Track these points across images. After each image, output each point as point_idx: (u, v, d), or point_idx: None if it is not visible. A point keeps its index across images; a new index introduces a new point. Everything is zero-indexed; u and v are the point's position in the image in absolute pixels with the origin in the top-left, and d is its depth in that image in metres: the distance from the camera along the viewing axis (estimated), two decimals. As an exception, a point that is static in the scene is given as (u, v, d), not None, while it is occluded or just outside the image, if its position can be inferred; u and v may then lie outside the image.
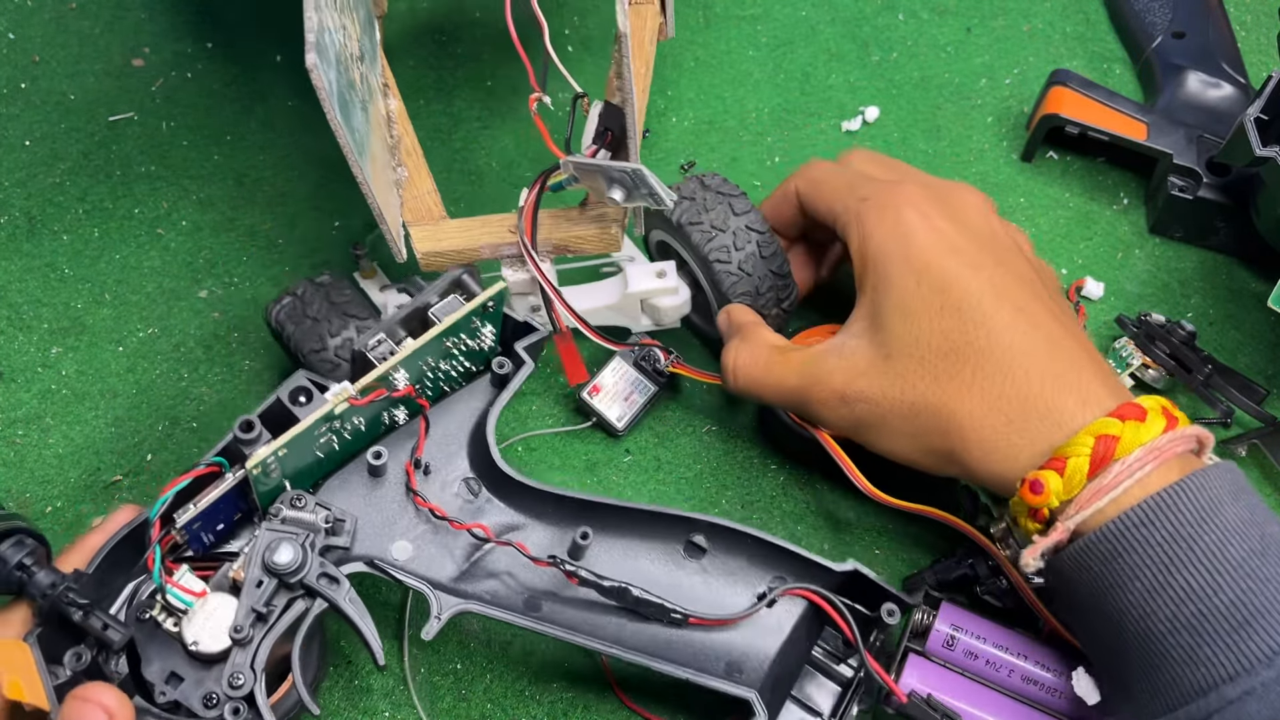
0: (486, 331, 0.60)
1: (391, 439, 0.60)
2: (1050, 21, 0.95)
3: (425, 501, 0.58)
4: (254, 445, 0.53)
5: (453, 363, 0.60)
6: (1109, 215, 0.84)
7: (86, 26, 0.96)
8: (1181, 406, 0.75)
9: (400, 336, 0.58)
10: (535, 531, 0.60)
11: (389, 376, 0.56)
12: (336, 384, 0.55)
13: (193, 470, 0.54)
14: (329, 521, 0.55)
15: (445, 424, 0.61)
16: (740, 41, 0.94)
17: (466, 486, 0.60)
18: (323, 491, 0.59)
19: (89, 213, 0.85)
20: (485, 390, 0.62)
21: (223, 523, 0.57)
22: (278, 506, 0.55)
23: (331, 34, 0.57)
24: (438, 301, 0.59)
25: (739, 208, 0.72)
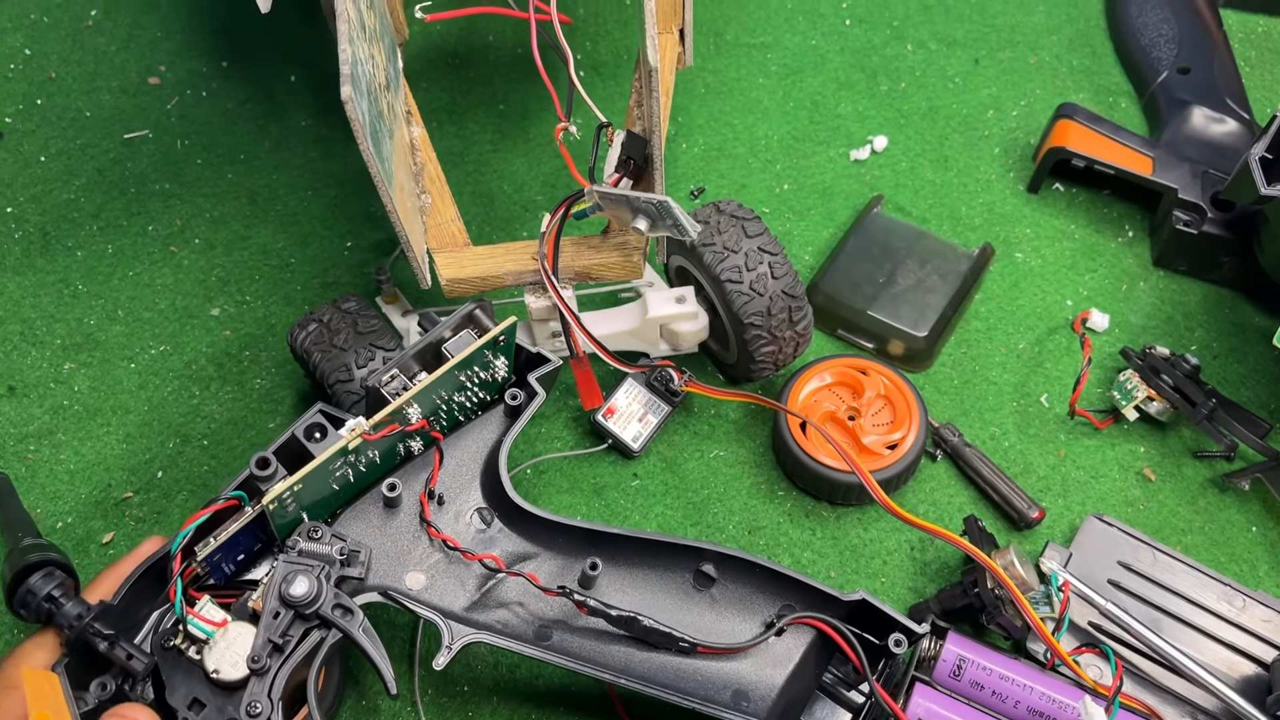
0: (499, 363, 0.61)
1: (406, 470, 0.61)
2: (1057, 54, 0.96)
3: (439, 533, 0.58)
4: (270, 481, 0.54)
5: (466, 394, 0.61)
6: (1114, 247, 0.85)
7: (103, 44, 0.96)
8: (1185, 440, 0.76)
9: (414, 371, 0.59)
10: (546, 561, 0.61)
11: (403, 411, 0.56)
12: (351, 418, 0.56)
13: (212, 505, 0.55)
14: (344, 553, 0.56)
15: (459, 454, 0.62)
16: (750, 69, 0.95)
17: (479, 516, 0.61)
18: (339, 522, 0.59)
19: (103, 229, 0.86)
20: (499, 420, 0.63)
21: (243, 553, 0.57)
22: (295, 539, 0.56)
23: (363, 65, 0.58)
24: (451, 336, 0.59)
25: (751, 230, 0.72)
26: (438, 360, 0.59)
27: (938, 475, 0.75)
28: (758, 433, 0.77)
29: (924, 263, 0.82)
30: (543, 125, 0.92)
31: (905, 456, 0.72)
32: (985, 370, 0.79)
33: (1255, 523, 0.73)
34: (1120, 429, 0.76)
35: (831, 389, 0.76)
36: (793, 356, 0.75)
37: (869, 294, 0.80)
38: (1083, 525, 0.71)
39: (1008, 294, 0.83)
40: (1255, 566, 0.71)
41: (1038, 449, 0.76)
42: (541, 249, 0.67)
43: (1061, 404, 0.78)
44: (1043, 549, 0.70)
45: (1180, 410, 0.74)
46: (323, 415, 0.57)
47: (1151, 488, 0.74)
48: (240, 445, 0.77)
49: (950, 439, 0.75)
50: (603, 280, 0.70)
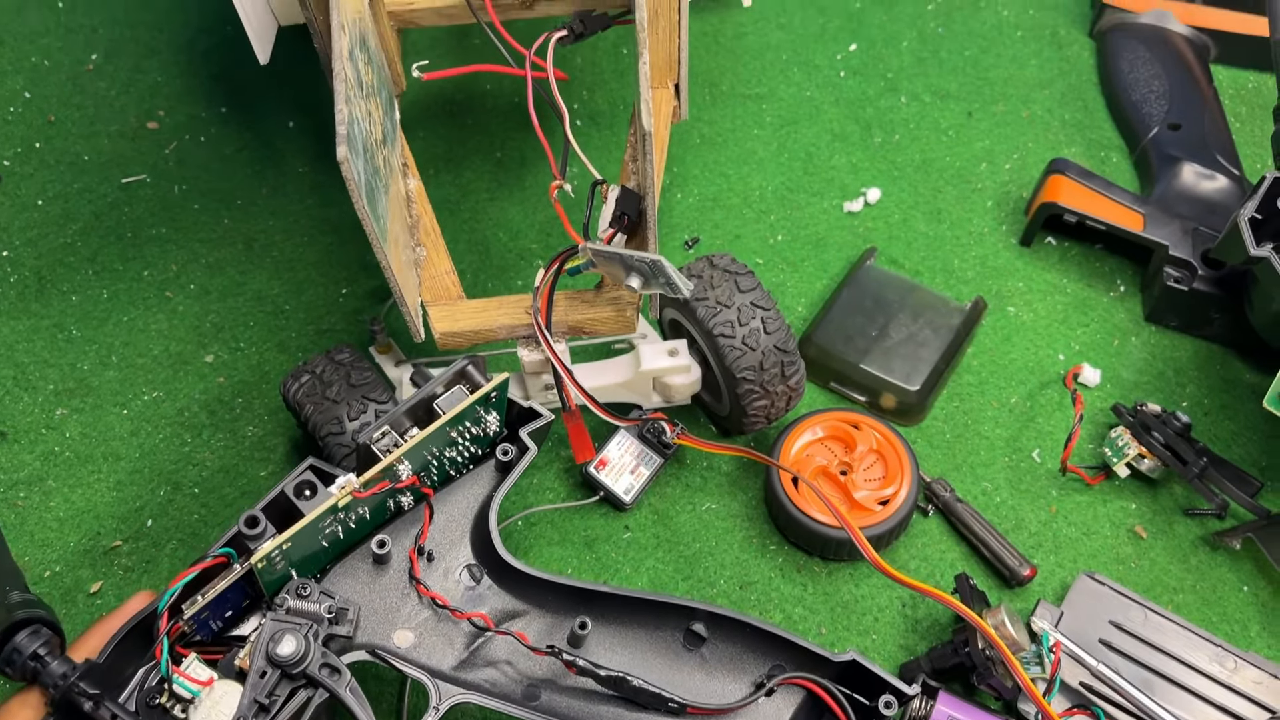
0: (491, 419, 0.61)
1: (396, 525, 0.61)
2: (1049, 108, 0.97)
3: (428, 590, 0.58)
4: (259, 540, 0.54)
5: (458, 449, 0.61)
6: (1106, 302, 0.86)
7: (103, 88, 0.97)
8: (1176, 498, 0.76)
9: (405, 427, 0.59)
10: (535, 618, 0.60)
11: (393, 468, 0.56)
12: (342, 475, 0.56)
13: (200, 563, 0.55)
14: (332, 611, 0.56)
15: (449, 510, 0.62)
16: (745, 120, 0.96)
17: (469, 573, 0.61)
18: (328, 579, 0.59)
19: (98, 273, 0.86)
20: (490, 475, 0.63)
21: (231, 609, 0.57)
22: (283, 596, 0.55)
23: (359, 124, 0.58)
24: (443, 392, 0.59)
25: (745, 285, 0.73)
26: (429, 416, 0.59)
27: (930, 531, 0.75)
28: (750, 485, 0.77)
29: (917, 316, 0.82)
30: (539, 174, 0.92)
31: (897, 512, 0.72)
32: (977, 425, 0.80)
33: (1247, 582, 0.73)
34: (1112, 485, 0.76)
35: (824, 443, 0.76)
36: (785, 410, 0.76)
37: (862, 347, 0.80)
38: (1074, 583, 0.71)
39: (1000, 348, 0.83)
40: (1247, 627, 0.71)
41: (1029, 505, 0.76)
42: (535, 303, 0.67)
43: (1053, 459, 0.78)
44: (1034, 607, 0.70)
45: (1172, 468, 0.74)
46: (313, 472, 0.57)
47: (1143, 545, 0.74)
48: (231, 494, 0.76)
49: (942, 494, 0.75)
50: (597, 335, 0.70)
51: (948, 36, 1.02)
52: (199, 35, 1.01)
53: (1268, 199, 0.73)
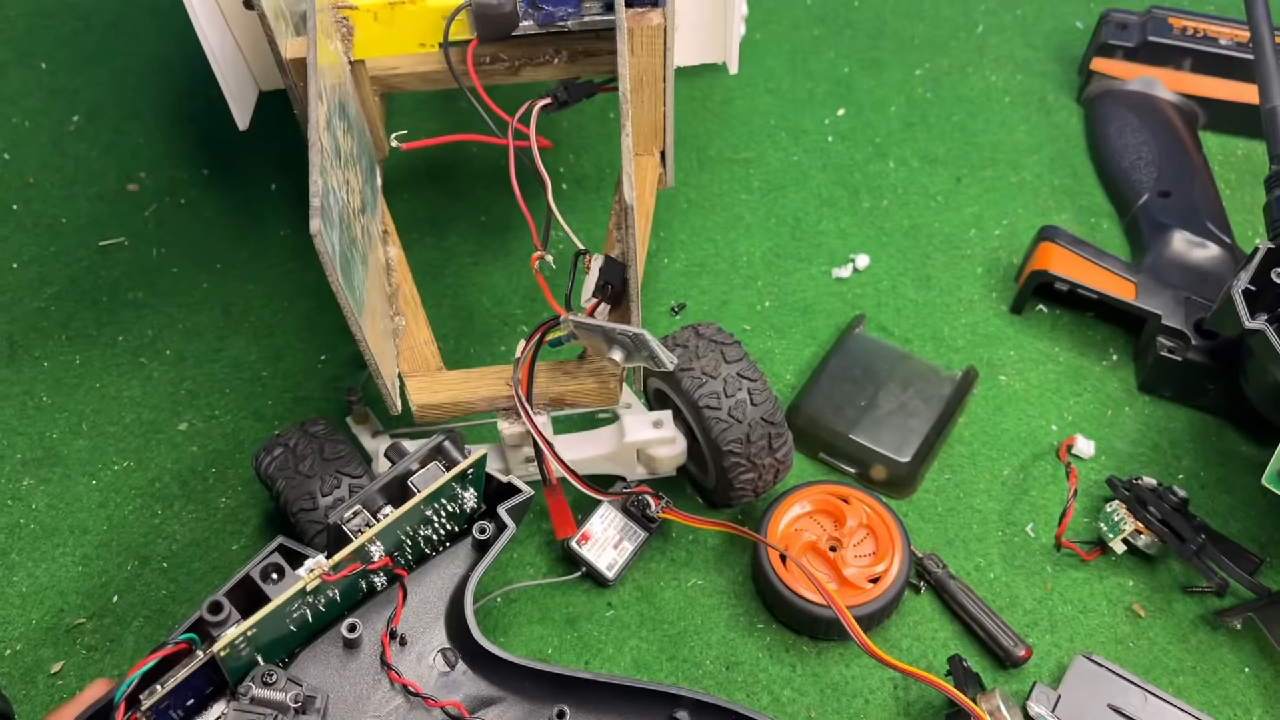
0: (468, 495, 0.59)
1: (368, 608, 0.58)
2: (1039, 174, 0.97)
3: (400, 677, 0.56)
4: (223, 626, 0.52)
5: (433, 528, 0.59)
6: (1099, 371, 0.84)
7: (84, 149, 0.96)
8: (1175, 574, 0.74)
9: (378, 506, 0.57)
10: (511, 706, 0.58)
11: (365, 548, 0.54)
12: (311, 556, 0.54)
13: (160, 650, 0.52)
14: (299, 700, 0.53)
15: (424, 591, 0.60)
16: (733, 185, 0.95)
17: (443, 658, 0.58)
18: (296, 664, 0.56)
19: (72, 339, 0.84)
20: (466, 553, 0.61)
21: (193, 698, 0.54)
22: (247, 684, 0.53)
23: (335, 193, 0.57)
24: (418, 469, 0.58)
25: (730, 355, 0.71)
26: (404, 494, 0.57)
27: (921, 608, 0.73)
28: (737, 560, 0.75)
29: (907, 385, 0.81)
30: (524, 239, 0.91)
31: (888, 590, 0.70)
32: (969, 498, 0.78)
33: (1249, 663, 0.70)
34: (1108, 561, 0.75)
35: (812, 517, 0.74)
36: (773, 483, 0.74)
37: (851, 417, 0.79)
38: (1071, 665, 0.68)
39: (992, 418, 0.82)
40: (1249, 711, 0.69)
41: (1024, 581, 0.74)
42: (515, 375, 0.65)
43: (1047, 534, 0.76)
44: (1030, 690, 0.67)
45: (1169, 544, 0.72)
46: (281, 553, 0.55)
47: (1141, 625, 0.72)
48: (202, 568, 0.74)
49: (934, 570, 0.73)
50: (579, 407, 0.68)
51: (936, 102, 1.01)
52: (182, 98, 1.00)
53: (1261, 270, 0.72)
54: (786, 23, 1.07)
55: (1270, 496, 0.70)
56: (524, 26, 0.72)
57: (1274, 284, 0.72)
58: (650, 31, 0.69)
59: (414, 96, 1.00)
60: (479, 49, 0.73)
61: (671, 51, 0.71)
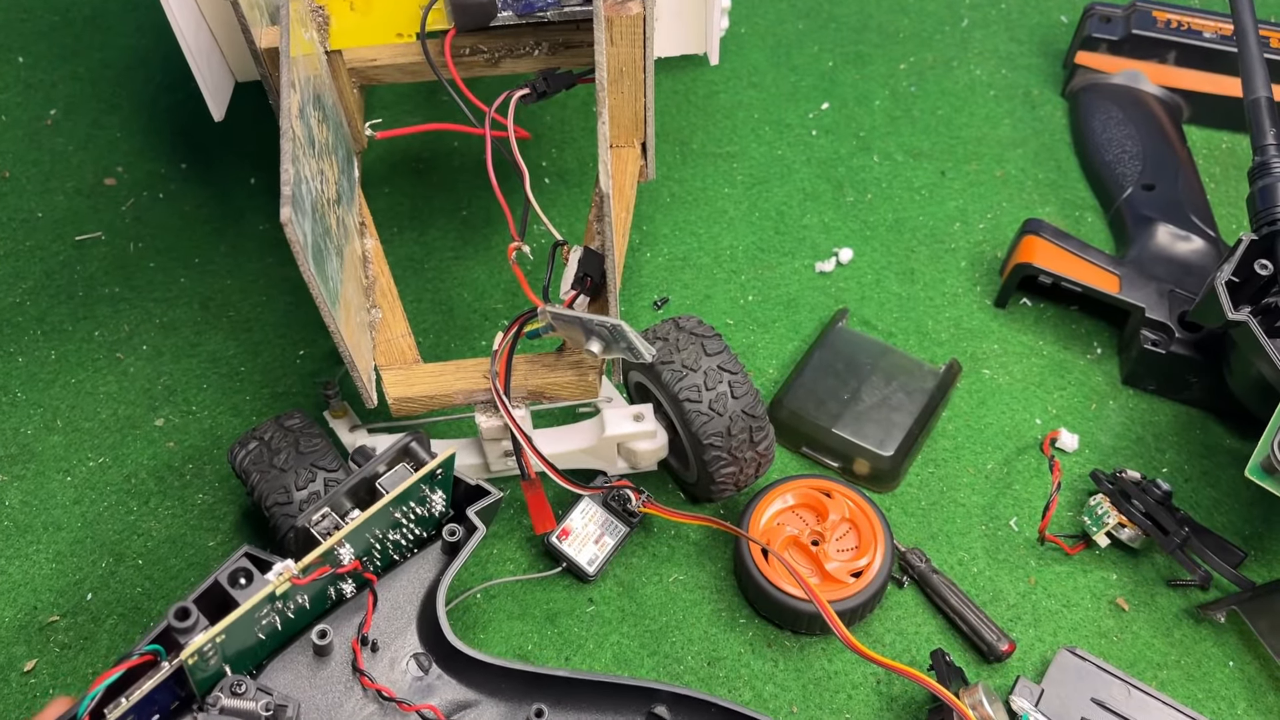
0: (437, 498, 0.58)
1: (338, 614, 0.57)
2: (1023, 168, 0.96)
3: (373, 682, 0.55)
4: (190, 633, 0.51)
5: (402, 531, 0.58)
6: (1082, 365, 0.84)
7: (61, 144, 0.95)
8: (1158, 568, 0.74)
9: (346, 509, 0.56)
10: (488, 708, 0.57)
11: (334, 552, 0.54)
12: (279, 561, 0.53)
13: (124, 662, 0.51)
14: (270, 709, 0.52)
15: (394, 595, 0.59)
16: (716, 179, 0.95)
17: (416, 662, 0.57)
18: (265, 673, 0.55)
19: (47, 334, 0.83)
20: (436, 557, 0.60)
21: (158, 712, 0.53)
22: (216, 695, 0.52)
23: (309, 183, 0.56)
24: (385, 471, 0.57)
25: (711, 348, 0.71)
26: (371, 496, 0.56)
27: (905, 603, 0.72)
28: (719, 555, 0.74)
29: (890, 379, 0.80)
30: (505, 234, 0.90)
31: (870, 585, 0.69)
32: (953, 492, 0.77)
33: (1232, 657, 0.70)
34: (1092, 555, 0.74)
35: (795, 511, 0.73)
36: (754, 477, 0.73)
37: (834, 411, 0.78)
38: (1055, 659, 0.68)
39: (975, 412, 0.81)
40: (1233, 704, 0.68)
41: (1007, 575, 0.73)
42: (493, 368, 0.65)
43: (1031, 527, 0.75)
44: (1013, 685, 0.67)
45: (1153, 537, 0.72)
46: (249, 559, 0.54)
47: (1125, 618, 0.72)
48: (178, 565, 0.73)
49: (917, 565, 0.73)
50: (557, 400, 0.68)
51: (920, 95, 1.01)
52: (161, 92, 0.99)
53: (1244, 262, 0.72)
54: (770, 16, 1.06)
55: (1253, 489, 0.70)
56: (503, 17, 0.71)
57: (1257, 275, 0.71)
58: (630, 21, 0.68)
59: (394, 89, 0.99)
60: (458, 40, 0.73)
61: (651, 42, 0.70)
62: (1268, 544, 0.75)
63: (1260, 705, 0.68)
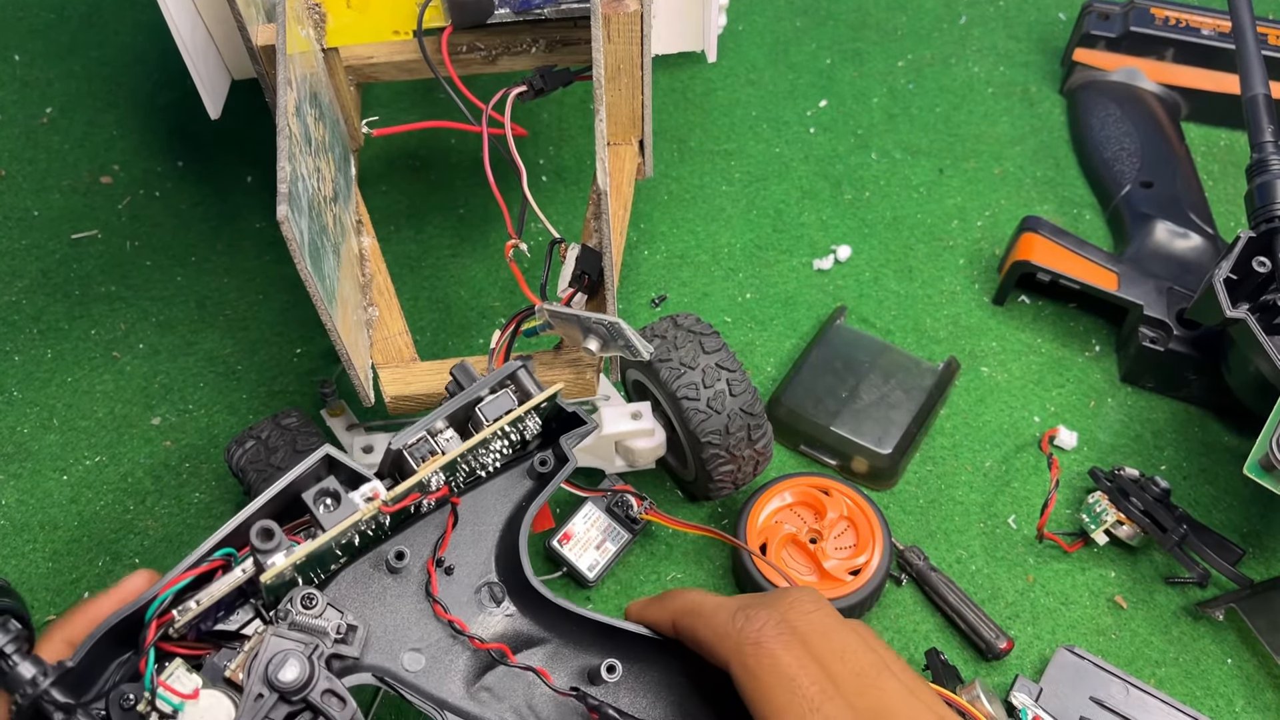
0: (532, 424, 0.56)
1: (414, 530, 0.55)
2: (1021, 166, 0.96)
3: (445, 612, 0.53)
4: (273, 554, 0.49)
5: (490, 453, 0.56)
6: (1081, 362, 0.84)
7: (57, 142, 0.95)
8: (1157, 565, 0.73)
9: (440, 430, 0.54)
10: (556, 652, 0.55)
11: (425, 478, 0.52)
12: (366, 482, 0.51)
13: (194, 568, 0.49)
14: (341, 631, 0.50)
15: (474, 519, 0.55)
16: (714, 176, 0.95)
17: (489, 592, 0.55)
18: (335, 585, 0.52)
19: (44, 333, 0.83)
20: (521, 483, 0.56)
21: (222, 609, 0.52)
22: (286, 607, 0.49)
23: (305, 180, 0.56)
24: (489, 396, 0.55)
25: (709, 346, 0.71)
26: (466, 419, 0.54)
27: (903, 600, 0.72)
28: (717, 554, 0.74)
29: (888, 377, 0.80)
30: (503, 231, 0.90)
31: (869, 583, 0.69)
32: (951, 489, 0.77)
33: (1231, 654, 0.70)
34: (1090, 552, 0.74)
35: (793, 509, 0.73)
36: (753, 475, 0.73)
37: (832, 409, 0.78)
38: (1053, 657, 0.68)
39: (974, 409, 0.81)
40: (1232, 702, 0.68)
41: (1005, 573, 0.73)
42: (490, 366, 0.64)
43: (1029, 525, 0.75)
44: (1012, 682, 0.67)
45: (1151, 535, 0.72)
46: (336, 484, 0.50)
47: (1123, 616, 0.72)
48: (174, 564, 0.72)
49: (915, 562, 0.72)
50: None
51: (918, 93, 1.01)
52: (157, 90, 0.99)
53: (1242, 259, 0.72)
54: (768, 14, 1.06)
55: (1252, 486, 0.70)
56: (500, 14, 0.71)
57: (1255, 273, 0.71)
58: (627, 18, 0.68)
59: (392, 87, 0.99)
60: (455, 37, 0.72)
61: (649, 39, 0.70)
62: (1266, 541, 0.74)
63: (1259, 703, 0.68)
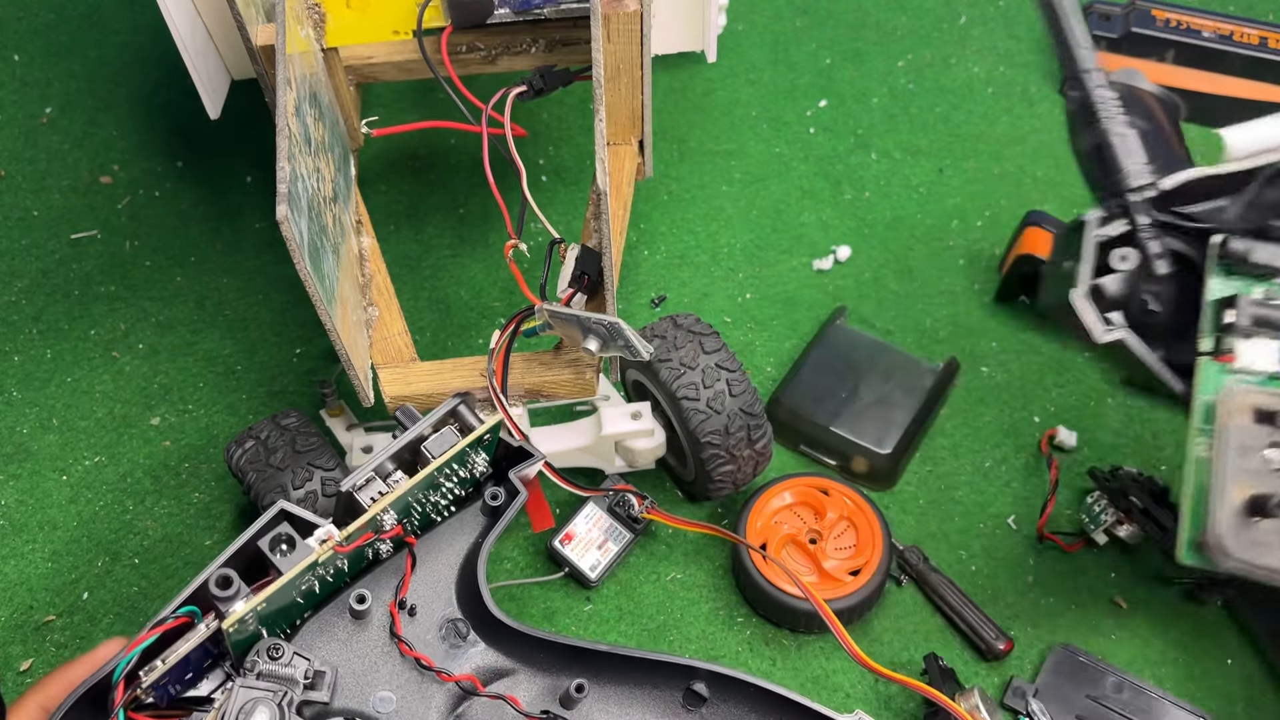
0: (480, 459, 0.56)
1: (374, 574, 0.56)
2: (1021, 165, 0.96)
3: (411, 650, 0.54)
4: (232, 601, 0.49)
5: (441, 492, 0.56)
6: (1081, 362, 0.84)
7: (56, 141, 0.95)
8: (1156, 566, 0.73)
9: (389, 471, 0.55)
10: (526, 679, 0.56)
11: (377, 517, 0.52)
12: (320, 526, 0.52)
13: (160, 625, 0.49)
14: (309, 676, 0.51)
15: (431, 559, 0.56)
16: (714, 176, 0.95)
17: (454, 629, 0.56)
18: (301, 636, 0.53)
19: (43, 333, 0.83)
20: (475, 520, 0.58)
21: (191, 672, 0.52)
22: (253, 659, 0.50)
23: (304, 180, 0.56)
24: (432, 434, 0.55)
25: (709, 346, 0.71)
26: (415, 459, 0.55)
27: (904, 601, 0.72)
28: (716, 554, 0.74)
29: (888, 377, 0.80)
30: (503, 231, 0.89)
31: (869, 583, 0.69)
32: (951, 490, 0.77)
33: (1231, 654, 0.70)
34: (1090, 553, 0.74)
35: (793, 509, 0.73)
36: (752, 475, 0.73)
37: (832, 409, 0.78)
38: (1051, 656, 0.68)
39: (974, 409, 0.81)
40: (1232, 701, 0.68)
41: (1005, 574, 0.73)
42: (490, 366, 0.64)
43: (1029, 525, 0.75)
44: (1010, 682, 0.67)
45: (1151, 534, 0.72)
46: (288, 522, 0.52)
47: (1123, 616, 0.72)
48: (174, 564, 0.73)
49: (915, 563, 0.72)
50: (555, 399, 0.67)
51: (918, 93, 1.01)
52: (157, 90, 0.99)
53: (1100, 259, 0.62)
54: (768, 13, 1.06)
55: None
56: (500, 14, 0.71)
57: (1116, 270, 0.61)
58: (627, 18, 0.68)
59: (391, 87, 0.99)
60: (455, 37, 0.72)
61: (648, 39, 0.70)
62: (1266, 542, 0.74)
63: (1258, 701, 0.68)
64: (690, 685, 0.57)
